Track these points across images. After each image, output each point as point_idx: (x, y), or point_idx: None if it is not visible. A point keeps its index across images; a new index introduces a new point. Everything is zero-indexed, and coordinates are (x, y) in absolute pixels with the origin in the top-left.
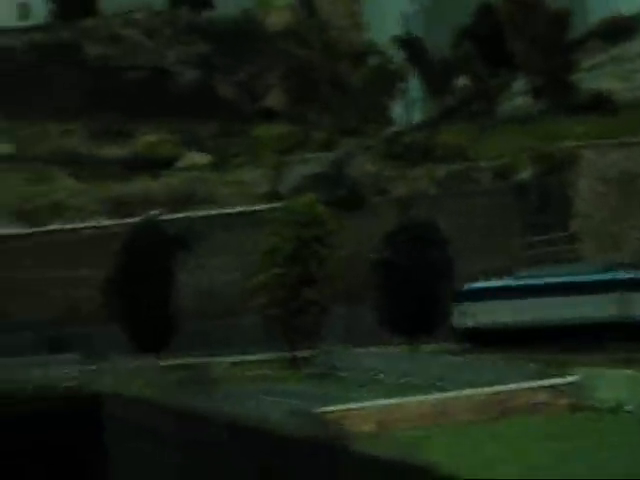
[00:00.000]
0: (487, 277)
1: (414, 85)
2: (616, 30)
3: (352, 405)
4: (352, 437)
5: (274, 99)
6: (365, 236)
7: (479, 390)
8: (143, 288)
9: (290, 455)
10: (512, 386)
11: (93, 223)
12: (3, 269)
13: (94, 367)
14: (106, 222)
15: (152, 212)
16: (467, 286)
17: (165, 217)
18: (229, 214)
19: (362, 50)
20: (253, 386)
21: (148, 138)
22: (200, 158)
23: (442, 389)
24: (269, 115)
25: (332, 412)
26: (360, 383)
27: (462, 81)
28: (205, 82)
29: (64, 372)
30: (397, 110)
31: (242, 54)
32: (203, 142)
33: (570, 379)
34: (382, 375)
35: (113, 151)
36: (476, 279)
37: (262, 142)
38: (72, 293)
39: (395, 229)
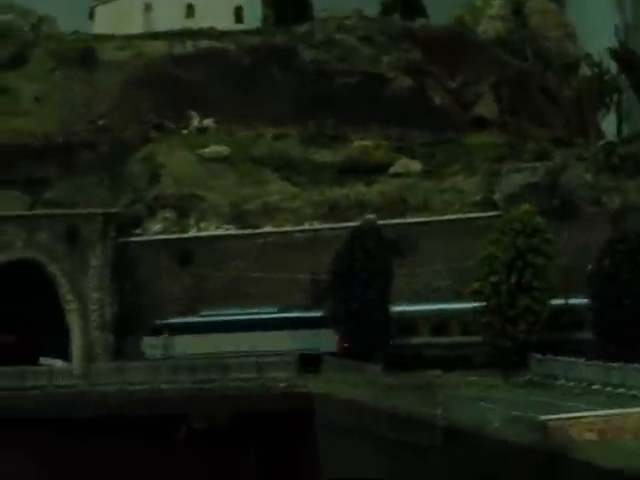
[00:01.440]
0: None
1: (626, 97)
2: None
3: (574, 414)
4: (575, 446)
5: (486, 108)
6: (580, 246)
7: None
8: (363, 291)
9: (511, 462)
10: None
11: (306, 226)
12: (215, 269)
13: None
14: (319, 226)
15: (367, 217)
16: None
17: (380, 222)
18: (443, 221)
19: (574, 61)
20: (467, 393)
21: (362, 143)
22: (413, 165)
23: None
24: (480, 123)
25: (554, 420)
26: (576, 392)
27: None
28: (417, 89)
29: (278, 374)
30: (608, 121)
31: (454, 62)
32: (415, 149)
33: None
34: (597, 385)
35: (326, 155)
36: None
37: (476, 150)
38: (283, 295)
39: (613, 240)
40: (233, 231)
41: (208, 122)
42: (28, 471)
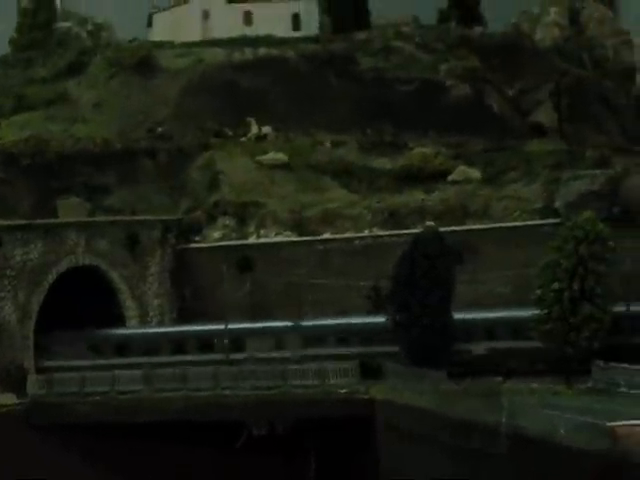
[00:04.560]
0: None
1: None
2: None
3: None
4: None
5: (544, 115)
6: None
7: None
8: (424, 298)
9: (579, 469)
10: None
11: (366, 233)
12: (276, 275)
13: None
14: (380, 232)
15: (428, 224)
16: None
17: (440, 230)
18: (503, 228)
19: (631, 68)
20: (530, 400)
21: (420, 151)
22: (472, 172)
23: None
24: (539, 131)
25: (620, 427)
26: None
27: None
28: (475, 96)
29: (339, 380)
30: None
31: (511, 69)
32: (474, 156)
33: None
34: None
35: (385, 163)
36: None
37: (535, 158)
38: (343, 301)
39: None
40: (293, 238)
41: (267, 129)
42: (89, 476)
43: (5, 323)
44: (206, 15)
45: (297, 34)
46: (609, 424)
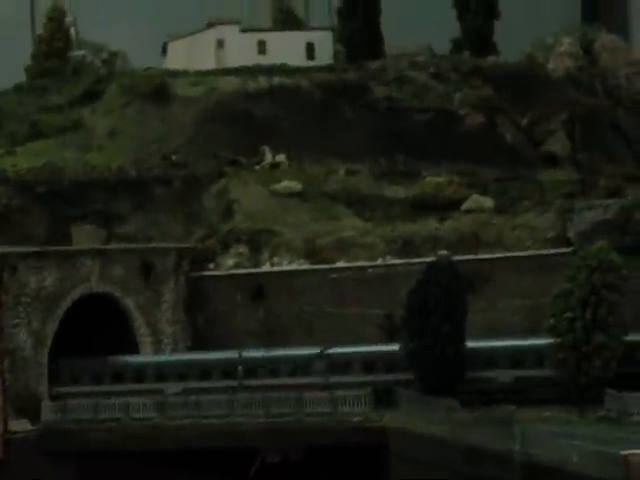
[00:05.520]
0: None
1: None
2: None
3: None
4: None
5: (557, 144)
6: None
7: None
8: (437, 327)
9: None
10: None
11: (380, 262)
12: (290, 304)
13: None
14: (393, 261)
15: (441, 252)
16: None
17: (453, 258)
18: (516, 257)
19: None
20: (542, 428)
21: (433, 180)
22: (485, 201)
23: None
24: (552, 160)
25: (634, 455)
26: None
27: None
28: (489, 126)
29: (352, 408)
30: None
31: (525, 99)
32: (487, 185)
33: None
34: None
35: (398, 191)
36: None
37: (548, 187)
38: (356, 330)
39: None
40: (306, 266)
41: (281, 158)
42: None
43: (19, 350)
44: (220, 44)
45: (311, 63)
46: (622, 453)
